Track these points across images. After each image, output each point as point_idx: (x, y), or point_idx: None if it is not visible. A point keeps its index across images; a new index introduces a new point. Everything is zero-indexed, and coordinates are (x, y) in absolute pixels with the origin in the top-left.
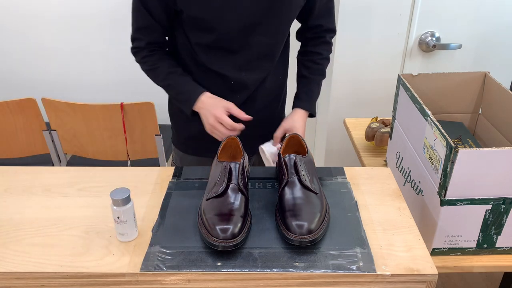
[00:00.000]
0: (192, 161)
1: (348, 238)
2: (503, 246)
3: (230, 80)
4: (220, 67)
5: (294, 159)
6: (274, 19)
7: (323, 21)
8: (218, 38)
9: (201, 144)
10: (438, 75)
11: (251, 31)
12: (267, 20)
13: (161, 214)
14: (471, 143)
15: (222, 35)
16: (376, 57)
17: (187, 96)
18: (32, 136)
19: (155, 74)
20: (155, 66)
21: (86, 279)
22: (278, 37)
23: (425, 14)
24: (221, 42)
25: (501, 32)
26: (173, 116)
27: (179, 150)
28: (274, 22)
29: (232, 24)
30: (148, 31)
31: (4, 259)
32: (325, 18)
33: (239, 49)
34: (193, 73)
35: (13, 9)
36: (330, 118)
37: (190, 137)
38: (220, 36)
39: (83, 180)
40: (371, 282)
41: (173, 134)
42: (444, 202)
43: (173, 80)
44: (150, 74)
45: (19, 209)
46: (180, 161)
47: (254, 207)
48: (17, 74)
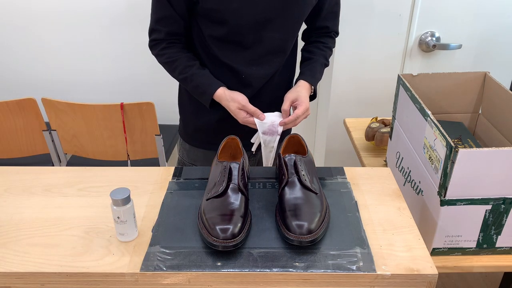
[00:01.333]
0: (199, 154)
1: (348, 238)
2: (503, 246)
3: (241, 74)
4: (231, 61)
5: (294, 159)
6: (287, 16)
7: (329, 23)
8: (230, 31)
9: (209, 136)
10: (438, 75)
11: (263, 27)
12: (281, 17)
13: (161, 214)
14: (471, 143)
15: (235, 28)
16: (376, 57)
17: (203, 90)
18: (32, 136)
19: (173, 67)
20: (173, 59)
21: (86, 279)
22: (290, 34)
23: (425, 14)
24: (233, 35)
25: (501, 32)
26: (182, 107)
27: (186, 143)
28: (287, 19)
29: (245, 18)
30: (168, 22)
31: (4, 259)
32: (331, 21)
33: (251, 44)
34: (205, 65)
35: (13, 9)
36: (330, 118)
37: (198, 129)
38: (233, 29)
39: (83, 180)
40: (371, 282)
41: (180, 127)
42: (444, 202)
43: (190, 74)
44: (167, 67)
45: (19, 209)
46: (187, 154)
47: (254, 207)
48: (17, 74)
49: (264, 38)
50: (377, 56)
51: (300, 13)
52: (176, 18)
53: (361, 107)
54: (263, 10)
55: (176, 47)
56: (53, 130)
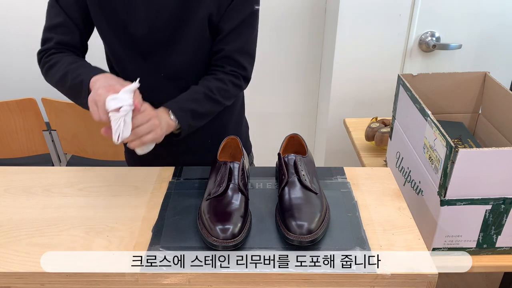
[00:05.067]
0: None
1: (348, 238)
2: (503, 246)
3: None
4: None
5: (294, 159)
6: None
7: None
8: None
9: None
10: (438, 75)
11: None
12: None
13: (161, 214)
14: (471, 143)
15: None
16: (376, 57)
17: (81, 78)
18: (32, 136)
19: (55, 69)
20: (57, 60)
21: (86, 279)
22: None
23: (425, 14)
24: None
25: (501, 32)
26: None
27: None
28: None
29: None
30: (62, 30)
31: (4, 259)
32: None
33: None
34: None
35: (13, 8)
36: (330, 118)
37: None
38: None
39: (83, 180)
40: (371, 282)
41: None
42: (444, 202)
43: (74, 67)
44: (49, 73)
45: (19, 209)
46: None
47: (254, 207)
48: (17, 74)
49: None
50: (377, 56)
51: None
52: (70, 25)
53: (361, 107)
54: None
55: (66, 53)
56: (53, 130)
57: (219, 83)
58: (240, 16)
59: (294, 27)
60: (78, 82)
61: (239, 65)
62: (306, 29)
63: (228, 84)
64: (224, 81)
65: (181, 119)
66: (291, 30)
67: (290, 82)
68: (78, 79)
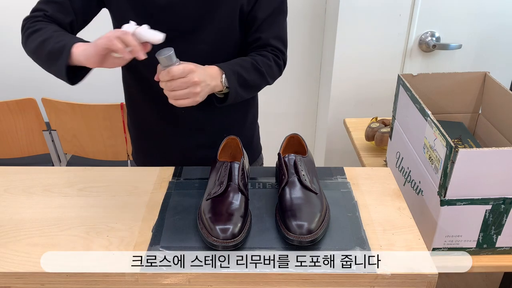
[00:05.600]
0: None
1: (348, 238)
2: (503, 246)
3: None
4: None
5: (294, 159)
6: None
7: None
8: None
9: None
10: (438, 75)
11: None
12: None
13: (161, 214)
14: (471, 143)
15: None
16: (376, 57)
17: (63, 44)
18: (32, 136)
19: (37, 34)
20: (42, 27)
21: (86, 279)
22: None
23: (425, 14)
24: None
25: (501, 32)
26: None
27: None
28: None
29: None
30: (57, 7)
31: (4, 259)
32: (265, 32)
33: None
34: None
35: (13, 8)
36: (330, 118)
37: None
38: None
39: (83, 180)
40: (371, 282)
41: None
42: (444, 202)
43: (56, 35)
44: (31, 37)
45: (19, 209)
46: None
47: (254, 207)
48: (17, 74)
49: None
50: (377, 56)
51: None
52: (66, 5)
53: (361, 107)
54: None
55: (52, 24)
56: (53, 130)
57: (263, 58)
58: (273, 3)
59: (294, 27)
60: (60, 46)
61: (278, 49)
62: (306, 29)
63: (272, 60)
64: (268, 57)
65: (231, 82)
66: (291, 30)
67: (290, 82)
68: (60, 44)
